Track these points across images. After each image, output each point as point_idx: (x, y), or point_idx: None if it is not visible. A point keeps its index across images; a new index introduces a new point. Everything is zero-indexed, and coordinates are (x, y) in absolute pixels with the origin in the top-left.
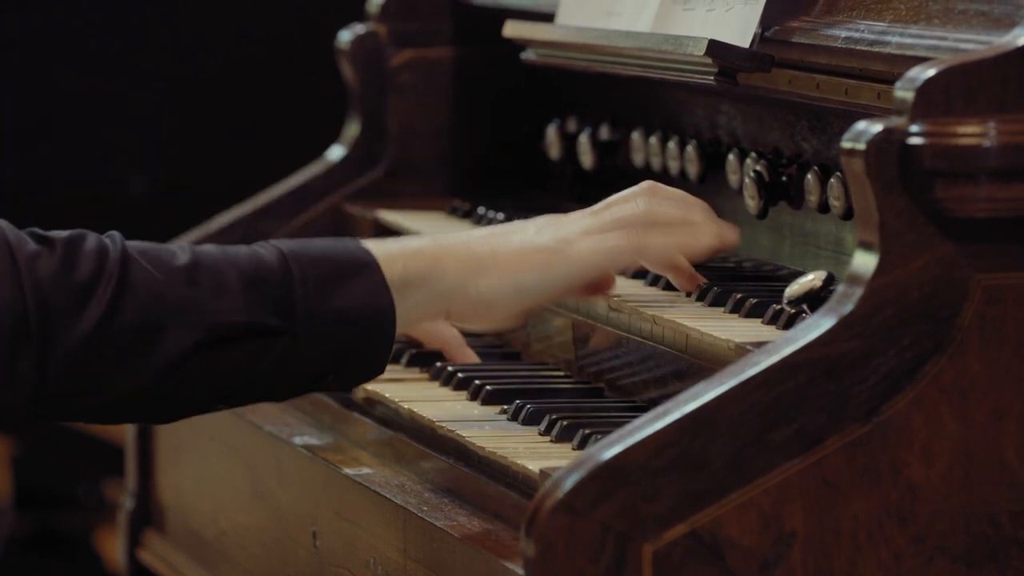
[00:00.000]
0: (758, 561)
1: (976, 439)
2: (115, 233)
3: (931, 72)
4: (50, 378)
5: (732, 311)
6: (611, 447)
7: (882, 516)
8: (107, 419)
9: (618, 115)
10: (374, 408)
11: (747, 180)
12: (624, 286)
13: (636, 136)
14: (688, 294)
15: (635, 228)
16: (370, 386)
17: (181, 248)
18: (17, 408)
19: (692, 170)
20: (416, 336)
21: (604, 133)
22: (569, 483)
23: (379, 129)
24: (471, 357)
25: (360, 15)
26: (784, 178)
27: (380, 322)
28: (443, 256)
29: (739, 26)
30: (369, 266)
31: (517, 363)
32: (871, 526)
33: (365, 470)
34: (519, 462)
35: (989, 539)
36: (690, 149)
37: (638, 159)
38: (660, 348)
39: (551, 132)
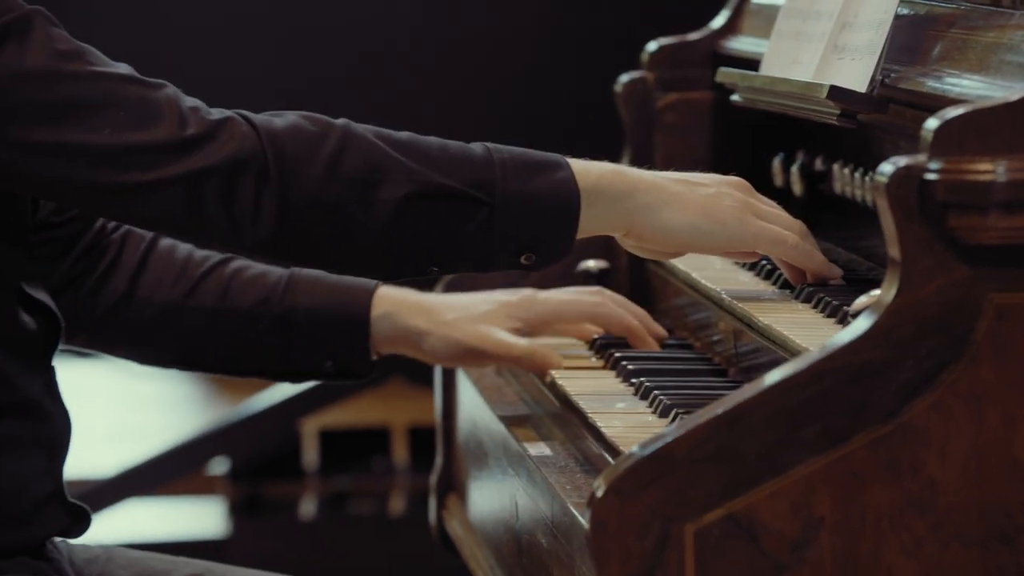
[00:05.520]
0: (789, 543)
1: (988, 440)
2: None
3: (951, 115)
4: (290, 216)
5: (829, 316)
6: (660, 440)
7: (904, 506)
8: (338, 266)
9: (833, 149)
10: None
11: None
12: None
13: (836, 167)
14: (798, 296)
15: (793, 232)
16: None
17: (402, 133)
18: (263, 242)
19: (868, 197)
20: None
21: (818, 164)
22: (621, 469)
23: (646, 161)
24: (652, 345)
25: (635, 64)
26: None
27: (568, 209)
28: (638, 182)
29: (862, 73)
30: (562, 166)
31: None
32: (893, 514)
33: (546, 451)
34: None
35: (1002, 528)
36: (867, 179)
37: (837, 188)
38: (770, 346)
39: (775, 163)
